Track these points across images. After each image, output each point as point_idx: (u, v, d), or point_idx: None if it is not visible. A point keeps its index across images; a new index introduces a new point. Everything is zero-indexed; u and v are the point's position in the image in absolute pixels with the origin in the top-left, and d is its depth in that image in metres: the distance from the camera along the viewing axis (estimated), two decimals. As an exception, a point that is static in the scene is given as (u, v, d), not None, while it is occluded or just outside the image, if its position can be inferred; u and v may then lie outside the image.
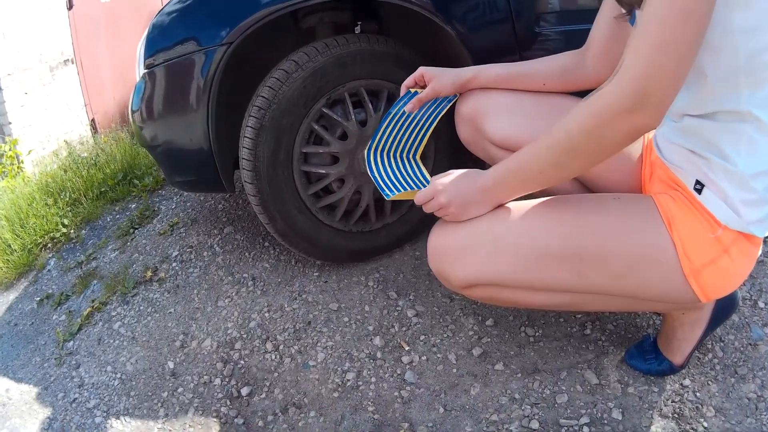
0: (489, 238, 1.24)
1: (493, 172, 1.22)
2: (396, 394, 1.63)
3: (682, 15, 0.92)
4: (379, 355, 1.75)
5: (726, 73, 1.02)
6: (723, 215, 1.09)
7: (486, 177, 1.22)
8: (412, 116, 1.64)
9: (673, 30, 0.93)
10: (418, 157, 1.62)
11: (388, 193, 1.47)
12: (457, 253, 1.27)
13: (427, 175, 1.60)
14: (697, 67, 1.04)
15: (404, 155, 1.63)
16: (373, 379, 1.68)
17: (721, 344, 1.58)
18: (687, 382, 1.50)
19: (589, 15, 1.43)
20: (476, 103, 1.51)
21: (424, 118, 1.63)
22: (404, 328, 1.82)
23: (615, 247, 1.17)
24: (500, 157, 1.47)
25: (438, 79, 1.53)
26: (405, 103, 1.59)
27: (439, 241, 1.31)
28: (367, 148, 1.63)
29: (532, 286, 1.25)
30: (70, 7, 5.68)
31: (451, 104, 1.60)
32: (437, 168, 2.02)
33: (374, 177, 1.59)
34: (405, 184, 1.53)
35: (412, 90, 1.58)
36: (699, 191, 1.12)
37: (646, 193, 1.31)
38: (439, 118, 1.61)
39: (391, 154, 1.62)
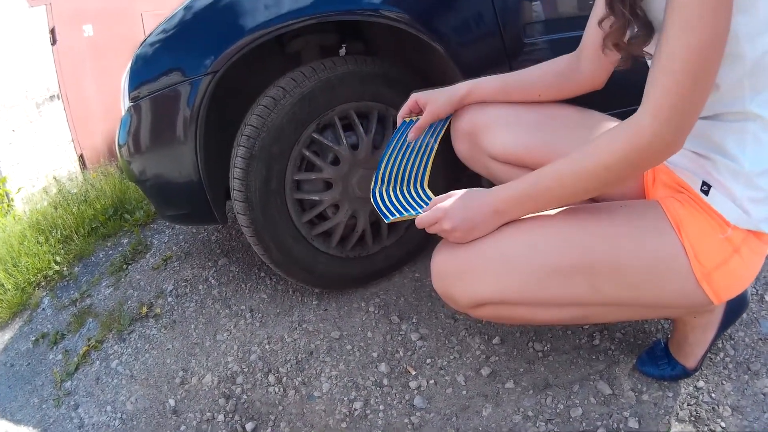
0: (497, 256, 1.20)
1: (506, 195, 1.18)
2: (406, 420, 1.59)
3: (713, 40, 0.92)
4: (385, 381, 1.71)
5: (734, 79, 1.02)
6: (732, 215, 1.08)
7: (497, 199, 1.19)
8: (411, 146, 1.59)
9: (706, 57, 0.93)
10: (426, 185, 1.57)
11: (389, 216, 1.43)
12: (463, 273, 1.23)
13: (432, 195, 1.54)
14: None
15: (411, 187, 1.58)
16: (382, 407, 1.64)
17: (732, 342, 1.57)
18: (701, 383, 1.48)
19: (576, 23, 1.41)
20: (473, 118, 1.47)
21: (423, 144, 1.58)
22: (409, 353, 1.78)
23: (627, 257, 1.15)
24: (500, 172, 1.45)
25: (433, 102, 1.49)
26: (402, 134, 1.56)
27: (443, 261, 1.27)
28: (371, 189, 1.58)
29: (544, 301, 1.22)
30: (53, 42, 5.68)
31: (447, 124, 1.56)
32: (432, 184, 1.99)
33: (379, 209, 1.52)
34: (408, 207, 1.49)
35: (407, 119, 1.55)
36: (706, 192, 1.11)
37: (649, 199, 1.29)
38: (439, 140, 1.57)
39: (398, 188, 1.58)
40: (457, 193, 1.23)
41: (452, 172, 2.01)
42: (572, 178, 1.09)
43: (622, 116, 1.16)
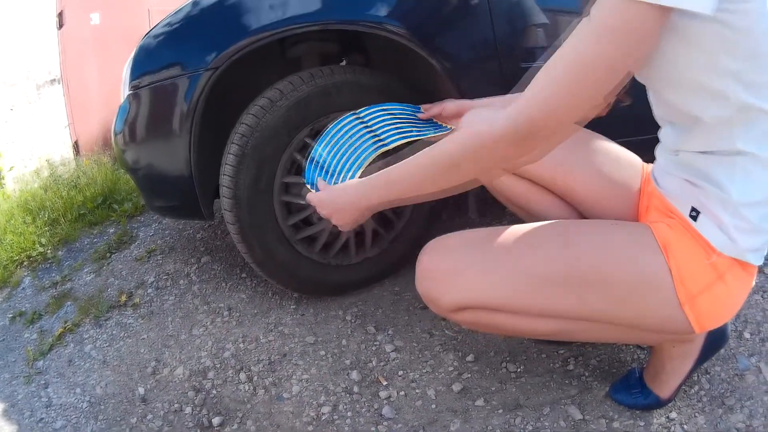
0: (485, 261, 1.21)
1: (368, 184, 1.26)
2: (373, 429, 1.59)
3: (605, 62, 0.92)
4: (355, 389, 1.72)
5: (719, 115, 1.02)
6: (718, 241, 1.08)
7: (358, 189, 1.28)
8: (401, 120, 1.66)
9: (577, 82, 0.94)
10: (381, 150, 1.59)
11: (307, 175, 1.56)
12: (448, 275, 1.24)
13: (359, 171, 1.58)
14: (689, 113, 1.06)
15: (371, 139, 1.63)
16: (349, 414, 1.65)
17: (708, 376, 1.55)
18: (674, 414, 1.47)
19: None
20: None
21: (410, 126, 1.64)
22: (382, 363, 1.79)
23: (613, 270, 1.15)
24: (499, 180, 1.46)
25: (447, 101, 1.60)
26: (403, 109, 1.70)
27: (430, 261, 1.28)
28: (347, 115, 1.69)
29: (528, 310, 1.22)
30: (60, 26, 5.67)
31: (441, 133, 1.60)
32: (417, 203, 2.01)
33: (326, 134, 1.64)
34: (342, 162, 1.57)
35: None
36: (694, 218, 1.11)
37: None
38: (422, 137, 1.60)
39: (362, 125, 1.66)
40: (338, 186, 1.35)
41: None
42: (425, 167, 1.15)
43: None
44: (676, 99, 1.09)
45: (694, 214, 1.11)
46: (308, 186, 1.52)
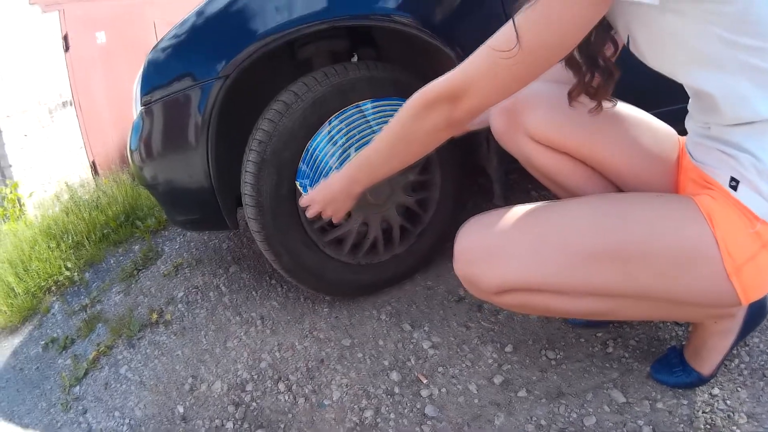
0: (528, 240, 1.18)
1: (346, 171, 1.35)
2: (417, 429, 1.57)
3: (535, 51, 1.00)
4: (396, 390, 1.69)
5: (726, 84, 1.01)
6: (760, 209, 1.06)
7: (341, 177, 1.37)
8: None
9: (504, 63, 1.02)
10: None
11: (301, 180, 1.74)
12: (490, 256, 1.21)
13: None
14: (701, 89, 1.06)
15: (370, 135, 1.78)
16: (393, 416, 1.62)
17: (747, 348, 1.53)
18: (716, 391, 1.45)
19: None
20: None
21: None
22: (421, 361, 1.77)
23: (661, 245, 1.12)
24: (533, 151, 1.42)
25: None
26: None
27: (469, 242, 1.24)
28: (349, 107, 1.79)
29: (573, 289, 1.19)
30: (66, 48, 5.72)
31: None
32: (442, 194, 2.00)
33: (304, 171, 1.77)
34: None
35: None
36: (734, 188, 1.09)
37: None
38: None
39: (363, 120, 1.76)
40: (322, 182, 1.44)
41: (463, 183, 2.01)
42: (384, 141, 1.25)
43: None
44: (683, 76, 1.08)
45: (734, 183, 1.09)
46: (297, 183, 1.72)
